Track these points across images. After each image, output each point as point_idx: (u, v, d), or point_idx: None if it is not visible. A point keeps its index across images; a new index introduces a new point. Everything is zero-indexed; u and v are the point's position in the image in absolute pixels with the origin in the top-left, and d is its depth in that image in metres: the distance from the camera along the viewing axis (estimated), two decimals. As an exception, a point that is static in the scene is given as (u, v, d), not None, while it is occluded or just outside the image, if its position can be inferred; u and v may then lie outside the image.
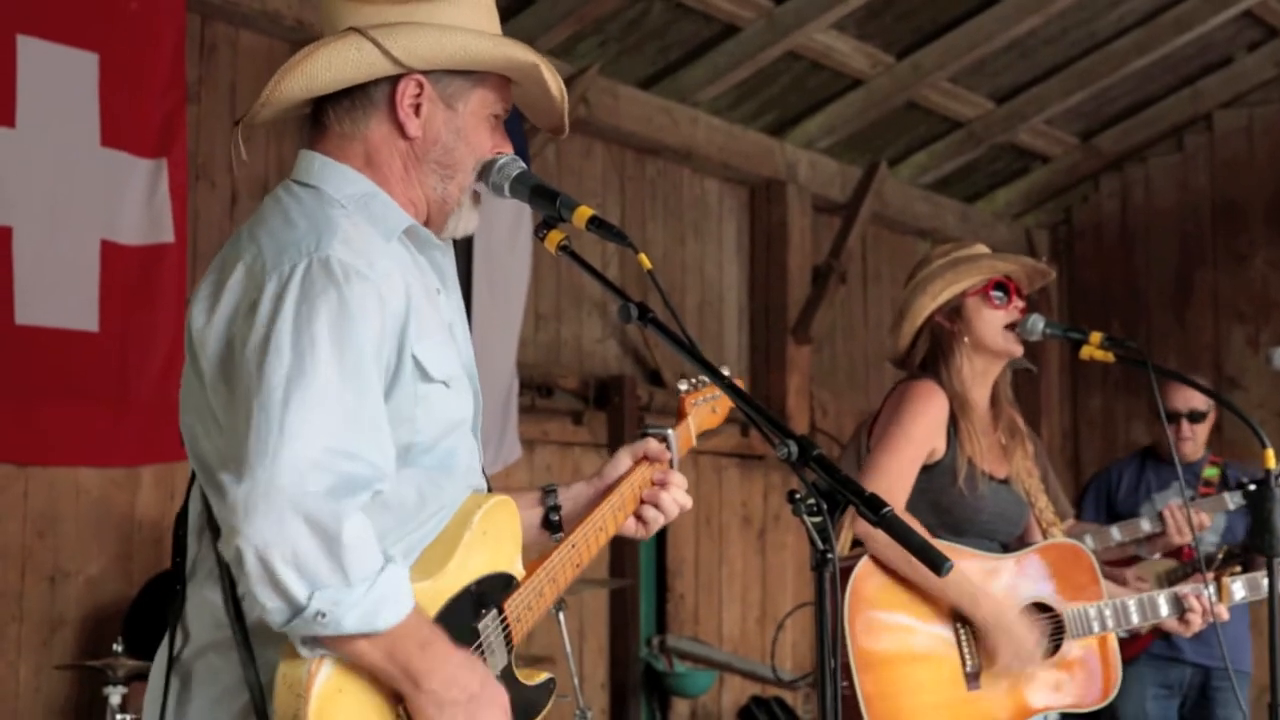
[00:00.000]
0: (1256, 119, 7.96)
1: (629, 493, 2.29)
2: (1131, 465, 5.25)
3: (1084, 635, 3.29)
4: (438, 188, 2.07)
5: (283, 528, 1.75)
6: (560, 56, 5.86)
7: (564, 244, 2.05)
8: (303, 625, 1.78)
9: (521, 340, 5.69)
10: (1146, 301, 8.22)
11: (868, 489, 3.00)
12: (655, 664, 6.21)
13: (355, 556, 1.79)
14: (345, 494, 1.79)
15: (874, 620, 3.13)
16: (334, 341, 1.83)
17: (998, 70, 7.07)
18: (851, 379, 7.46)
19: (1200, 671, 4.96)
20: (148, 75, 4.56)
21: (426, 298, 2.04)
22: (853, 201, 7.28)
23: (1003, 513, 3.30)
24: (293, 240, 1.91)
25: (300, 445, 1.77)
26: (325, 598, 1.77)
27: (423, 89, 2.04)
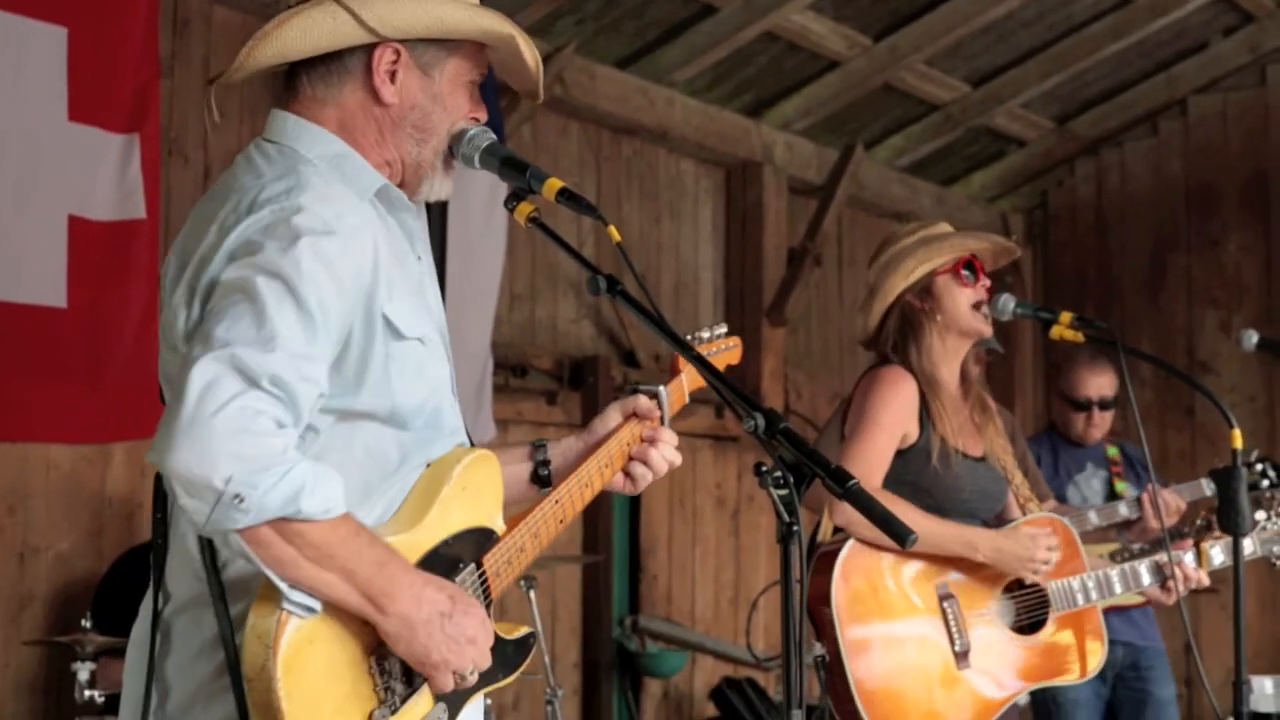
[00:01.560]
0: (1231, 104, 7.99)
1: (616, 449, 2.28)
2: (1044, 446, 5.28)
3: (1069, 608, 3.32)
4: (413, 151, 2.08)
5: (191, 435, 1.72)
6: (537, 35, 5.84)
7: (533, 215, 2.05)
8: (224, 516, 1.74)
9: (496, 320, 5.68)
10: (1120, 286, 8.25)
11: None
12: (628, 644, 6.22)
13: (270, 444, 1.75)
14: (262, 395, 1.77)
15: (861, 605, 3.15)
16: (274, 282, 1.82)
17: (974, 53, 7.08)
18: (826, 361, 7.47)
19: (1130, 651, 5.02)
20: (119, 50, 4.53)
21: (396, 259, 2.03)
22: (829, 184, 7.29)
23: (983, 489, 3.33)
24: (264, 194, 1.91)
25: (214, 356, 1.76)
26: (240, 480, 1.72)
27: (399, 56, 2.05)
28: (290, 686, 1.82)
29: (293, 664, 1.82)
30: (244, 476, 1.73)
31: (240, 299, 1.82)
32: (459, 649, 1.90)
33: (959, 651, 3.19)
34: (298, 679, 1.83)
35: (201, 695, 1.91)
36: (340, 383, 1.92)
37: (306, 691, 1.83)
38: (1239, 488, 3.01)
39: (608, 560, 6.12)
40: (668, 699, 6.50)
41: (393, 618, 1.86)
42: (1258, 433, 7.55)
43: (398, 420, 1.98)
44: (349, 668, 1.88)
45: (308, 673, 1.84)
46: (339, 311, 1.88)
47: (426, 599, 1.88)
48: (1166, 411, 7.96)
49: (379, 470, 1.99)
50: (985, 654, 3.22)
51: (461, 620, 1.90)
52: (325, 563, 1.80)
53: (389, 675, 1.92)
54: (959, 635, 3.20)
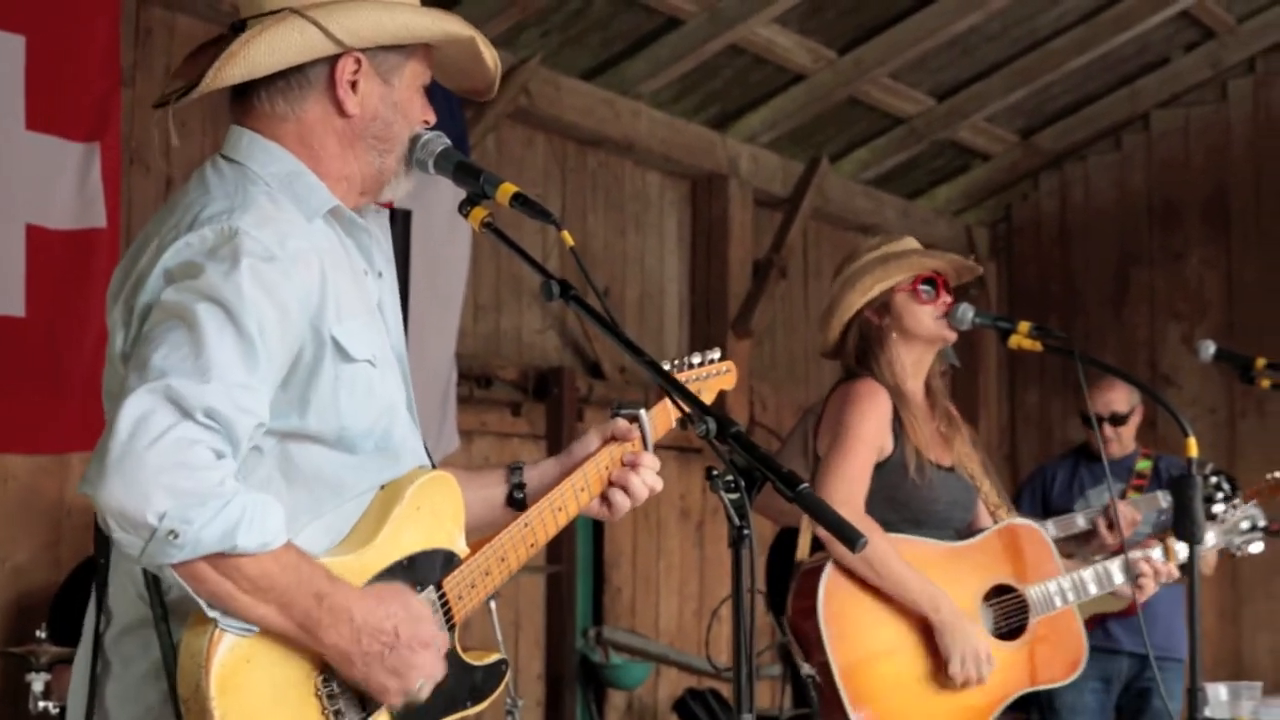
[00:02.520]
0: (1193, 119, 8.05)
1: (594, 473, 2.24)
2: (1066, 463, 5.32)
3: (1048, 612, 3.33)
4: (375, 162, 2.06)
5: (122, 469, 1.69)
6: (502, 46, 5.82)
7: (487, 221, 2.04)
8: (158, 551, 1.71)
9: (460, 331, 5.67)
10: (1084, 299, 8.30)
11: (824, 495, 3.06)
12: (591, 656, 6.21)
13: (206, 478, 1.73)
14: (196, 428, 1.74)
15: (849, 620, 3.16)
16: (214, 308, 1.80)
17: (939, 67, 7.12)
18: (791, 373, 7.48)
19: (1136, 661, 5.03)
20: (80, 59, 4.51)
21: (352, 279, 2.02)
22: (794, 196, 7.31)
23: (956, 499, 3.34)
24: (206, 212, 1.90)
25: (147, 388, 1.73)
26: (175, 515, 1.70)
27: (360, 65, 2.03)
28: (227, 707, 1.77)
29: (228, 684, 1.78)
30: (178, 511, 1.70)
31: (178, 325, 1.79)
32: (401, 675, 1.87)
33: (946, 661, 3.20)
34: (235, 699, 1.78)
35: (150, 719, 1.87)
36: (286, 404, 1.89)
37: (246, 712, 1.79)
38: (1194, 496, 3.03)
39: (571, 572, 6.10)
40: (631, 711, 6.49)
41: (329, 649, 1.84)
42: (1218, 445, 7.60)
43: (345, 443, 1.95)
44: (293, 688, 1.84)
45: (246, 693, 1.80)
46: (282, 336, 1.86)
47: (367, 630, 1.84)
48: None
49: (328, 491, 1.96)
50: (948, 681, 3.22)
51: (404, 653, 1.87)
52: (261, 595, 1.78)
53: (338, 698, 1.88)
54: (941, 648, 3.20)
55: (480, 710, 2.10)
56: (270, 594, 1.79)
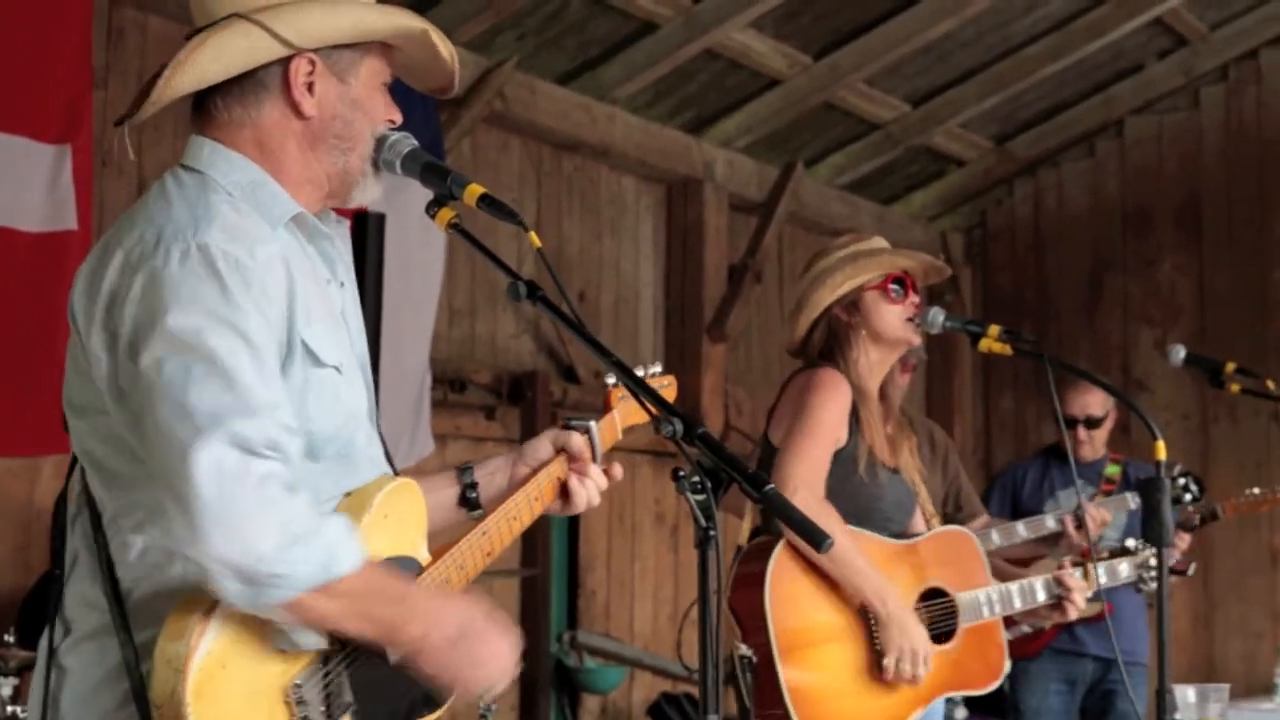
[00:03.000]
0: (1166, 126, 8.10)
1: (546, 483, 2.27)
2: (1037, 463, 5.35)
3: (976, 620, 3.35)
4: (338, 162, 2.05)
5: (220, 523, 1.74)
6: (477, 50, 5.84)
7: (454, 221, 2.04)
8: (265, 595, 1.77)
9: (435, 335, 5.66)
10: (1058, 305, 8.33)
11: (785, 477, 3.07)
12: (565, 660, 6.20)
13: (293, 514, 1.78)
14: (266, 463, 1.78)
15: (793, 606, 3.16)
16: (218, 329, 1.81)
17: (914, 73, 7.14)
18: (766, 377, 7.49)
19: (1101, 665, 5.06)
20: (51, 60, 4.48)
21: (316, 285, 2.02)
22: (769, 201, 7.32)
23: (899, 502, 3.36)
24: (170, 226, 1.89)
25: (212, 437, 1.76)
26: (277, 559, 1.76)
27: (314, 66, 2.01)
28: (202, 712, 1.77)
29: (203, 689, 1.78)
30: (279, 554, 1.76)
31: (194, 360, 1.79)
32: (473, 667, 1.93)
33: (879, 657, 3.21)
34: (209, 705, 1.78)
35: None
36: None
37: (220, 718, 1.79)
38: (1162, 498, 3.05)
39: (546, 576, 6.10)
40: (606, 715, 6.49)
41: (407, 644, 1.90)
42: (1190, 450, 7.64)
43: (309, 450, 1.95)
44: (265, 695, 1.84)
45: (220, 699, 1.80)
46: (270, 343, 1.87)
47: (440, 624, 1.91)
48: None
49: None
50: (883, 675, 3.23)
51: (474, 645, 1.93)
52: (354, 612, 1.84)
53: (307, 704, 1.88)
54: (880, 641, 3.21)
55: (439, 716, 2.09)
56: (361, 607, 1.85)
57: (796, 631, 3.15)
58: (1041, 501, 5.19)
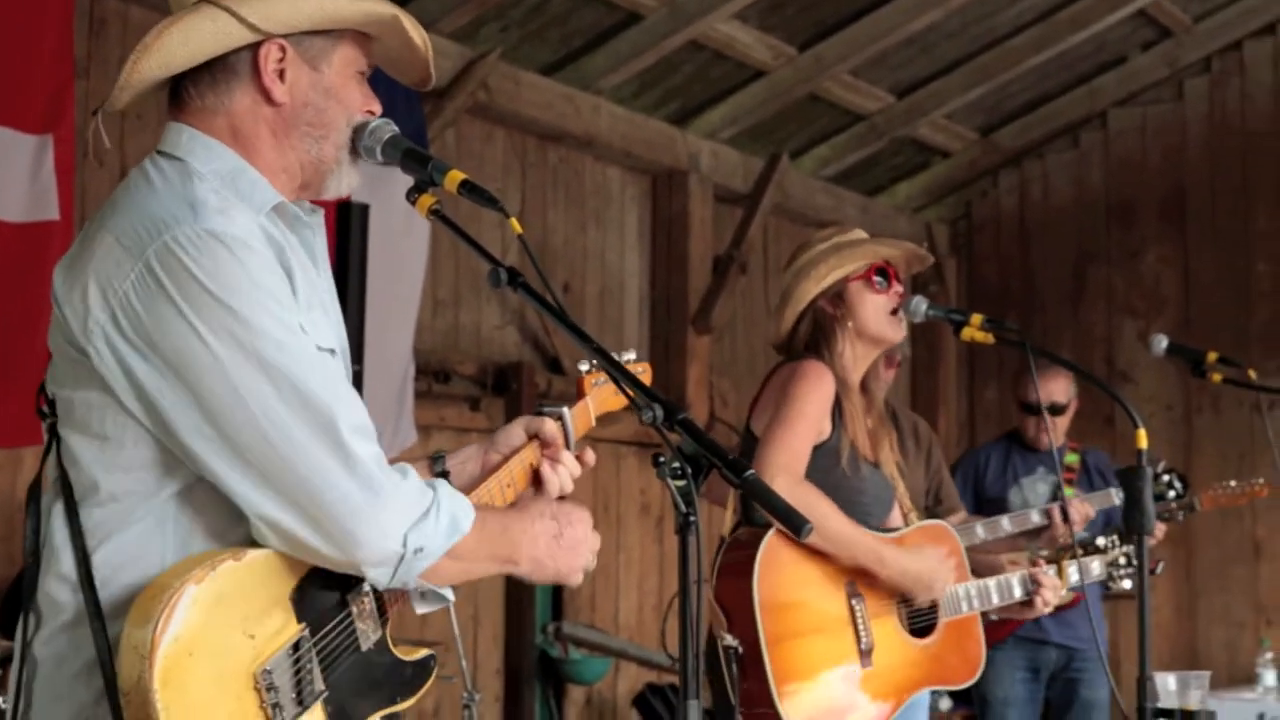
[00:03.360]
0: (1150, 118, 8.11)
1: (519, 469, 2.27)
2: (998, 449, 5.35)
3: (956, 615, 3.36)
4: (312, 150, 2.04)
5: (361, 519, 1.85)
6: (461, 41, 5.82)
7: (435, 208, 2.03)
8: (410, 570, 1.89)
9: (419, 325, 5.65)
10: (1043, 296, 8.35)
11: (765, 465, 3.08)
12: (550, 651, 6.20)
13: (410, 489, 1.91)
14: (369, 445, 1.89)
15: (782, 597, 3.16)
16: (259, 310, 1.84)
17: (898, 64, 7.14)
18: (751, 369, 7.49)
19: (1064, 653, 5.09)
20: (32, 50, 4.46)
21: (302, 272, 2.01)
22: (754, 192, 7.32)
23: (879, 496, 3.36)
24: (164, 213, 1.88)
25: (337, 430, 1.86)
26: (414, 536, 1.88)
27: (285, 53, 2.01)
28: (169, 699, 1.76)
29: (170, 676, 1.77)
30: (415, 531, 1.89)
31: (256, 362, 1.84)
32: (575, 555, 2.12)
33: (864, 650, 3.22)
34: (177, 692, 1.77)
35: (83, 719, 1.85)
36: None
37: (188, 705, 1.78)
38: (1144, 488, 3.05)
39: (531, 567, 6.09)
40: (591, 706, 6.49)
41: (524, 563, 2.06)
42: (1175, 441, 7.67)
43: None
44: (234, 680, 1.83)
45: (188, 686, 1.78)
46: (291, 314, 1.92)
47: (539, 534, 2.07)
48: (1086, 420, 8.01)
49: None
50: (885, 653, 3.25)
51: (568, 532, 2.11)
52: (478, 558, 1.99)
53: (276, 690, 1.87)
54: (865, 633, 3.22)
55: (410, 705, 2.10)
56: (481, 549, 1.99)
57: (783, 623, 3.15)
58: (1005, 488, 5.20)
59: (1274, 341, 7.73)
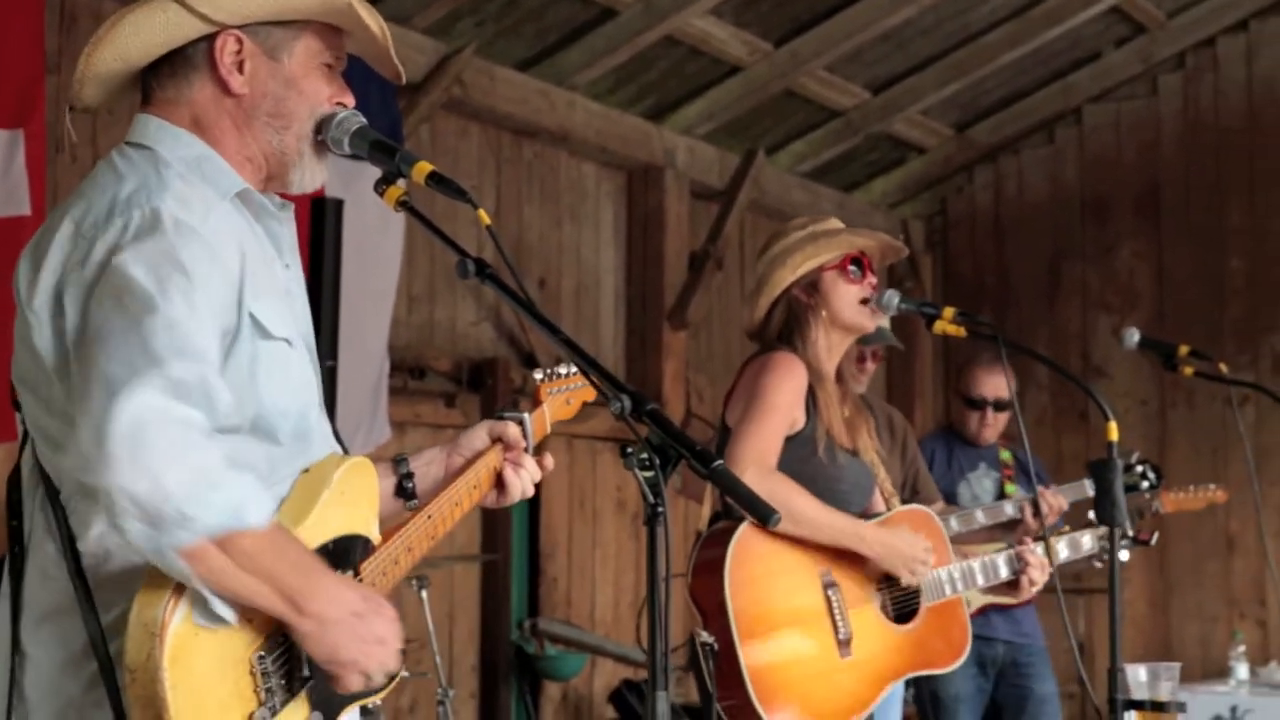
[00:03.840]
0: (1124, 114, 8.15)
1: (485, 472, 2.31)
2: (939, 443, 5.33)
3: (939, 599, 3.36)
4: (274, 140, 2.05)
5: (134, 457, 1.71)
6: (436, 36, 5.81)
7: (403, 199, 2.04)
8: (170, 536, 1.73)
9: (394, 321, 5.64)
10: (1018, 292, 8.38)
11: (735, 457, 3.08)
12: (526, 647, 6.20)
13: (208, 459, 1.76)
14: (191, 409, 1.76)
15: (754, 591, 3.16)
16: (165, 291, 1.81)
17: (874, 60, 7.16)
18: (727, 365, 7.49)
19: (1011, 648, 5.11)
20: (3, 45, 4.44)
21: (264, 262, 2.02)
22: (730, 188, 7.32)
23: (858, 483, 3.36)
24: (123, 197, 1.89)
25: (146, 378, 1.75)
26: (187, 498, 1.73)
27: (242, 44, 2.02)
28: (177, 678, 1.77)
29: (179, 655, 1.78)
30: (190, 494, 1.73)
31: (139, 307, 1.79)
32: (367, 649, 1.90)
33: (842, 639, 3.22)
34: (184, 671, 1.78)
35: (72, 711, 1.85)
36: None
37: (193, 685, 1.79)
38: (1115, 479, 3.06)
39: (506, 563, 6.09)
40: (566, 702, 6.49)
41: (309, 618, 1.85)
42: (1149, 436, 7.71)
43: (264, 427, 1.95)
44: (234, 665, 1.85)
45: (194, 666, 1.80)
46: (217, 312, 1.87)
47: (342, 600, 1.88)
48: (1061, 415, 8.09)
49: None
50: (865, 642, 3.25)
51: (373, 620, 1.90)
52: (253, 568, 1.80)
53: (270, 675, 1.89)
54: (842, 623, 3.22)
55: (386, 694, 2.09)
56: (262, 566, 1.80)
57: (758, 617, 3.15)
58: (954, 483, 5.20)
59: (1247, 336, 7.78)
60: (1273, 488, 7.52)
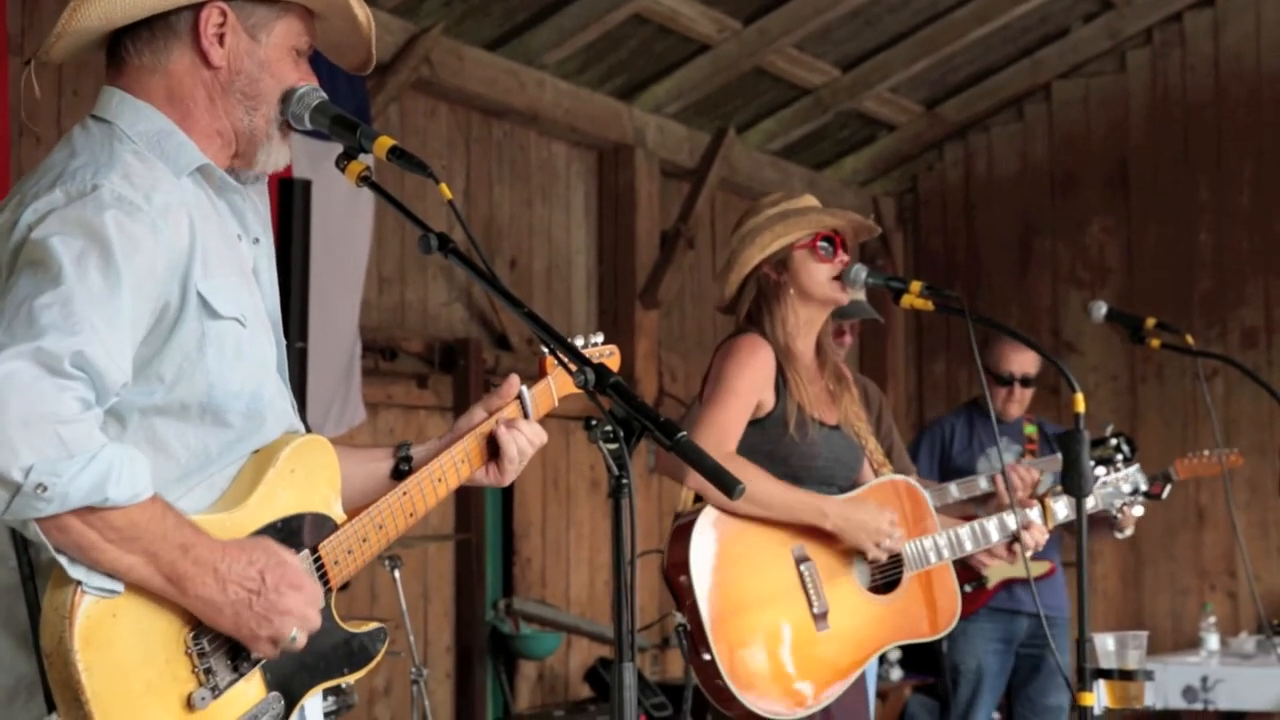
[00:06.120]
0: (1093, 90, 8.17)
1: (474, 444, 2.23)
2: (961, 419, 5.37)
3: (922, 568, 3.36)
4: (245, 120, 2.04)
5: None
6: (404, 16, 5.79)
7: (364, 174, 2.03)
8: (25, 506, 1.70)
9: (365, 303, 5.63)
10: (988, 268, 8.41)
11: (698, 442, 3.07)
12: (501, 627, 6.21)
13: (74, 431, 1.72)
14: (64, 380, 1.74)
15: (720, 572, 3.16)
16: (80, 264, 1.79)
17: (843, 38, 7.16)
18: (700, 343, 7.51)
19: (1035, 621, 5.11)
20: (-35, 25, 4.41)
21: (222, 239, 2.00)
22: (701, 167, 7.32)
23: (838, 457, 3.36)
24: (69, 170, 1.89)
25: (18, 349, 1.72)
26: (42, 469, 1.69)
27: (226, 18, 2.01)
28: (90, 660, 1.75)
29: (93, 637, 1.76)
30: (46, 465, 1.69)
31: (43, 277, 1.78)
32: (260, 621, 1.86)
33: (817, 613, 3.22)
34: (100, 653, 1.76)
35: (22, 691, 1.84)
36: (150, 371, 1.88)
37: (111, 668, 1.77)
38: (1081, 450, 3.07)
39: (480, 543, 6.09)
40: (542, 681, 6.50)
41: (194, 599, 1.83)
42: (1120, 411, 7.75)
43: (214, 409, 1.93)
44: (163, 645, 1.82)
45: (112, 648, 1.77)
46: (149, 292, 1.85)
47: (233, 578, 1.84)
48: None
49: (196, 464, 1.94)
50: (843, 614, 3.25)
51: (272, 597, 1.86)
52: (127, 545, 1.77)
53: (209, 656, 1.86)
54: (817, 596, 3.22)
55: (360, 677, 2.09)
56: (137, 544, 1.78)
57: (729, 597, 3.15)
58: (973, 459, 5.23)
59: (1215, 311, 7.82)
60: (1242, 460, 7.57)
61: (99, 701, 1.75)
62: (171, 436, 1.91)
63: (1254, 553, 7.32)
